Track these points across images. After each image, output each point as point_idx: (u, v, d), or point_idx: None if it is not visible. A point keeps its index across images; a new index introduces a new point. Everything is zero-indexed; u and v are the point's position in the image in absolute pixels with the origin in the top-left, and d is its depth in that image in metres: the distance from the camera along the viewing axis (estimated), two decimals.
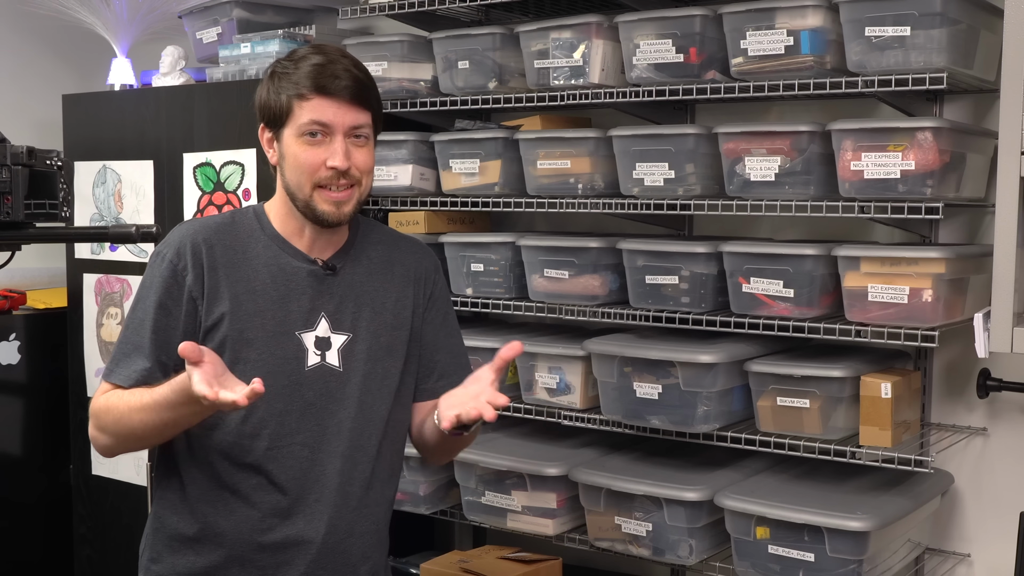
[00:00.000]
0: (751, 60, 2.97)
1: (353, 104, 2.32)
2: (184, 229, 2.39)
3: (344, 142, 2.31)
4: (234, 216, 2.45)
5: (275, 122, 2.35)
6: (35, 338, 4.37)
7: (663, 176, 3.12)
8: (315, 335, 2.38)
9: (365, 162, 2.36)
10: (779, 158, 2.93)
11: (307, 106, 2.30)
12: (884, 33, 2.78)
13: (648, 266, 3.16)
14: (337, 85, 2.30)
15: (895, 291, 2.80)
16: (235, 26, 4.05)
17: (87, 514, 4.30)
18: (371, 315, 2.44)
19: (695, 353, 3.01)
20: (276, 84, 2.35)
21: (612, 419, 3.21)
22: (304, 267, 2.39)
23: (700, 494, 3.02)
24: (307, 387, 2.36)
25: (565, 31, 3.27)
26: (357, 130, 2.34)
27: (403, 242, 2.59)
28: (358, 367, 2.41)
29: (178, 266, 2.33)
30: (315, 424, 2.37)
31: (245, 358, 2.32)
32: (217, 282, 2.33)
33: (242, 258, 2.36)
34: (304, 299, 2.38)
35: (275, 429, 2.34)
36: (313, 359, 2.37)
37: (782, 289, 2.95)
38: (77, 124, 4.26)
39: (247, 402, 2.03)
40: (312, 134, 2.30)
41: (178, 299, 2.32)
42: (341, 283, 2.43)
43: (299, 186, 2.33)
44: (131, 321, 2.36)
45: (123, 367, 2.33)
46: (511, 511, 3.37)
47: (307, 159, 2.31)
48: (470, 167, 3.49)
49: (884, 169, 2.78)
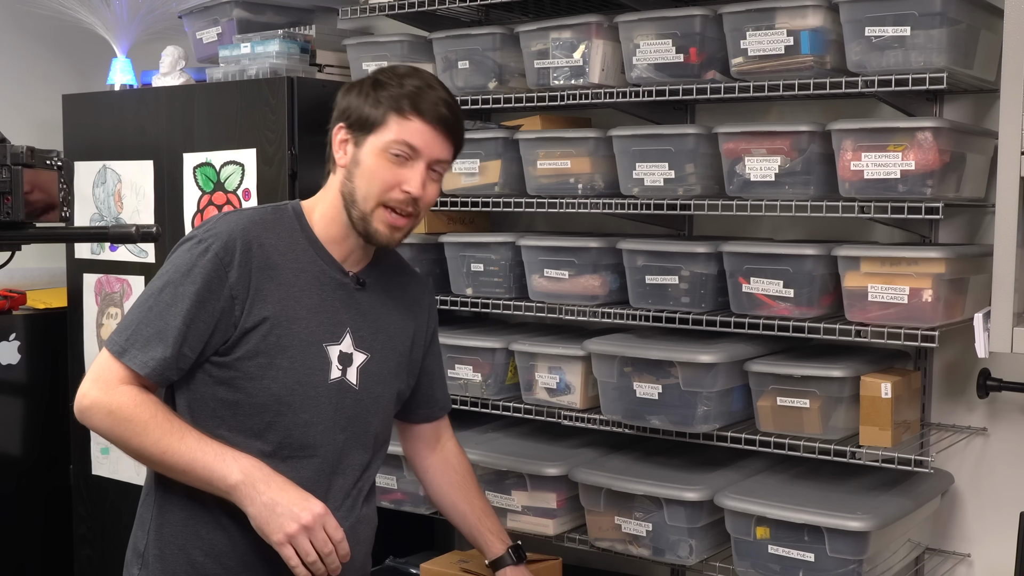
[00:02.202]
0: (751, 60, 2.96)
1: (445, 137, 2.35)
2: (232, 222, 2.33)
3: (424, 172, 2.32)
4: (276, 212, 2.41)
5: (363, 127, 2.34)
6: (35, 338, 4.37)
7: (663, 176, 3.12)
8: (340, 349, 2.38)
9: (432, 198, 2.38)
10: (779, 158, 2.93)
11: (406, 125, 2.31)
12: (884, 33, 2.78)
13: (648, 266, 3.16)
14: (438, 113, 2.33)
15: (895, 291, 2.80)
16: (235, 26, 4.05)
17: (87, 514, 4.30)
18: (385, 338, 2.47)
19: (695, 353, 3.00)
20: (376, 92, 2.34)
21: (612, 419, 3.20)
22: (338, 278, 2.40)
23: (700, 494, 3.02)
24: (327, 401, 2.36)
25: (565, 31, 3.27)
26: (438, 164, 2.36)
27: (408, 270, 2.63)
28: (371, 388, 2.44)
29: (224, 259, 2.27)
30: (330, 439, 2.37)
31: (278, 364, 2.31)
32: (263, 283, 2.30)
33: (285, 260, 2.34)
34: (333, 311, 2.38)
35: (299, 439, 2.34)
36: (335, 373, 2.37)
37: (782, 289, 2.95)
38: (77, 124, 4.25)
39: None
40: (399, 154, 2.30)
41: (218, 294, 2.26)
42: (366, 300, 2.44)
43: (365, 198, 2.32)
44: (156, 302, 2.27)
45: (141, 351, 2.25)
46: (511, 511, 3.37)
47: (385, 176, 2.31)
48: (470, 167, 3.49)
49: (884, 169, 2.78)
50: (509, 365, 3.45)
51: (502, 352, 3.43)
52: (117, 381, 2.26)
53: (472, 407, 3.48)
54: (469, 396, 3.48)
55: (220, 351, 2.31)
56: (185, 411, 2.34)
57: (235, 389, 2.32)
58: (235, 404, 2.32)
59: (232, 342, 2.30)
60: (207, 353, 2.31)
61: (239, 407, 2.32)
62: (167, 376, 2.28)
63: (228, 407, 2.32)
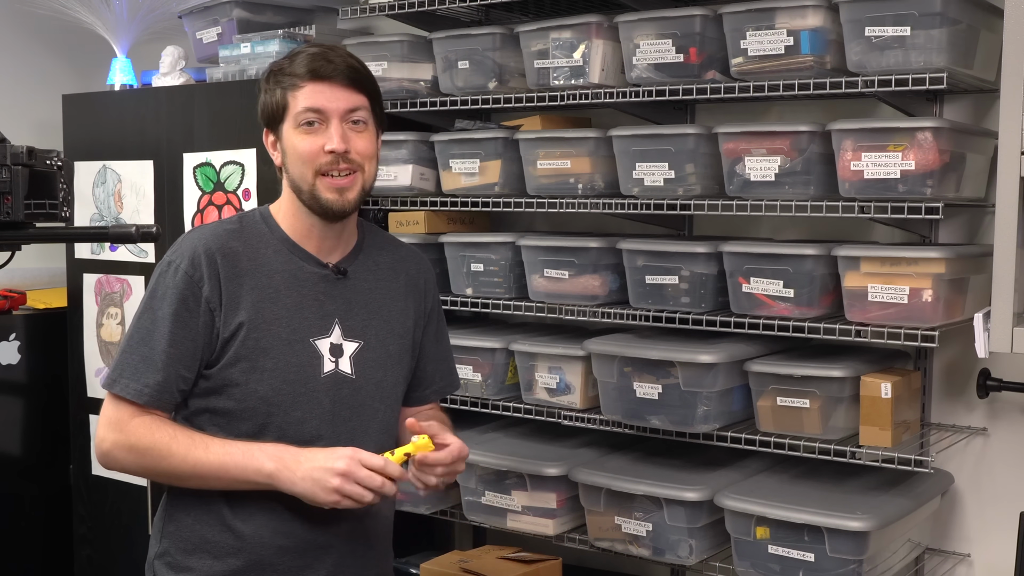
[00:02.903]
0: (751, 60, 2.97)
1: (347, 87, 2.32)
2: (195, 238, 2.36)
3: (341, 126, 2.31)
4: (242, 220, 2.42)
5: (274, 120, 2.36)
6: (35, 338, 4.38)
7: (663, 176, 3.12)
8: (330, 342, 2.37)
9: (365, 147, 2.35)
10: (779, 158, 2.93)
11: (301, 95, 2.31)
12: (884, 33, 2.78)
13: (648, 266, 3.16)
14: (329, 68, 2.31)
15: (895, 291, 2.80)
16: (235, 26, 4.05)
17: (87, 514, 4.30)
18: (380, 323, 2.45)
19: (695, 353, 3.01)
20: (272, 82, 2.36)
21: (612, 419, 3.21)
22: (316, 271, 2.39)
23: (700, 494, 3.02)
24: (323, 394, 2.36)
25: (565, 31, 3.27)
26: (353, 114, 2.33)
27: (403, 250, 2.60)
28: (370, 375, 2.42)
29: (194, 276, 2.29)
30: (331, 431, 2.37)
31: (261, 367, 2.31)
32: (234, 291, 2.31)
33: (256, 264, 2.34)
34: (317, 305, 2.37)
35: (294, 437, 2.32)
36: (328, 366, 2.37)
37: (782, 289, 2.95)
38: (77, 124, 4.26)
39: None
40: (309, 123, 2.31)
41: (195, 310, 2.28)
42: (351, 288, 2.42)
43: (302, 177, 2.32)
44: (137, 331, 2.31)
45: (132, 379, 2.28)
46: (511, 511, 3.37)
47: (305, 147, 2.30)
48: (470, 167, 3.49)
49: (884, 169, 2.78)
50: (509, 365, 3.45)
51: (502, 352, 3.43)
52: (127, 417, 2.28)
53: (472, 407, 3.48)
54: (469, 396, 3.48)
55: (208, 363, 2.33)
56: (184, 425, 2.36)
57: (225, 397, 2.33)
58: (228, 412, 2.33)
59: (216, 353, 2.31)
60: (201, 369, 2.32)
61: (232, 414, 2.33)
62: (166, 400, 2.30)
63: (222, 415, 2.33)
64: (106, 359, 4.21)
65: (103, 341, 4.22)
